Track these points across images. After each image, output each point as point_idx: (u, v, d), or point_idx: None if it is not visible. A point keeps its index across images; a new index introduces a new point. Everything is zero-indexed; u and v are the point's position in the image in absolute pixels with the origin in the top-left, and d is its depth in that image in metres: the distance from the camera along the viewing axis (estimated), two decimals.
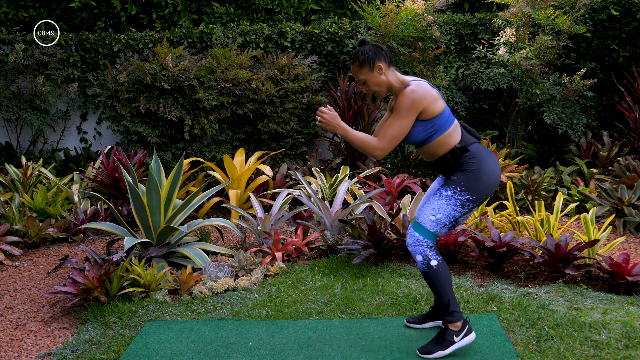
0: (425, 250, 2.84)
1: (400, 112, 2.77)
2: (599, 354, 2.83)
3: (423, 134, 2.83)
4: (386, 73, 2.87)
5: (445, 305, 2.87)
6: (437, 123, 2.81)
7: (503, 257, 3.95)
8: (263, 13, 7.30)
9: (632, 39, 6.21)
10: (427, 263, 2.84)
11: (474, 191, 2.80)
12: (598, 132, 6.36)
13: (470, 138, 2.89)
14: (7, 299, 3.92)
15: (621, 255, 3.67)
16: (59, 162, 6.83)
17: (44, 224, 4.89)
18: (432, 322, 3.23)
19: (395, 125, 2.78)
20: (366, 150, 2.83)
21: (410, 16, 5.90)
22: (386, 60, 2.86)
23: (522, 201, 5.32)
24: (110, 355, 3.05)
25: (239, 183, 5.39)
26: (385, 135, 2.80)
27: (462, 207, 2.83)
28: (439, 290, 2.86)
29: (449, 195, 2.82)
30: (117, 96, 6.18)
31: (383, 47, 2.88)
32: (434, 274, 2.84)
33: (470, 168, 2.81)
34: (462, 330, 2.88)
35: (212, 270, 4.01)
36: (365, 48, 2.86)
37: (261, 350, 3.05)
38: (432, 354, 2.87)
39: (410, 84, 2.81)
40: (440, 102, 2.82)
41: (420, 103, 2.76)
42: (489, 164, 2.83)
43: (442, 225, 2.84)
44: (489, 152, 2.89)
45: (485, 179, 2.81)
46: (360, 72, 2.87)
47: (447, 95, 6.09)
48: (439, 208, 2.83)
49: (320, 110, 2.87)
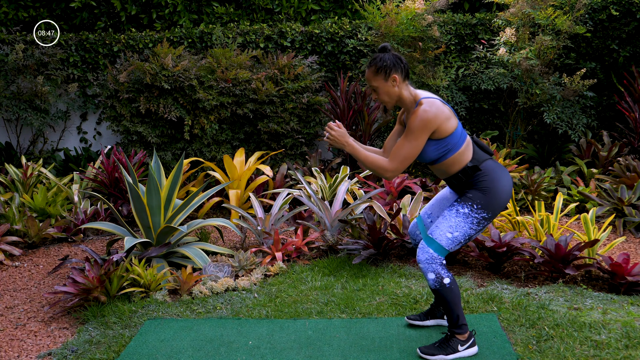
0: (438, 268, 2.80)
1: (413, 132, 2.71)
2: (599, 354, 2.83)
3: (436, 153, 2.78)
4: (400, 85, 2.79)
5: (454, 320, 2.86)
6: (450, 142, 2.76)
7: (503, 257, 3.95)
8: (263, 13, 7.30)
9: (632, 39, 6.21)
10: (440, 281, 2.80)
11: (489, 208, 2.78)
12: (598, 132, 6.36)
13: (482, 155, 2.84)
14: (7, 299, 3.92)
15: (621, 255, 3.67)
16: (59, 162, 6.83)
17: (44, 224, 4.89)
18: (433, 320, 3.23)
19: (407, 146, 2.73)
20: (377, 172, 2.78)
21: (411, 16, 5.90)
22: (402, 73, 2.77)
23: (522, 201, 5.32)
24: (110, 355, 3.05)
25: (239, 183, 5.39)
26: (397, 156, 2.74)
27: (478, 224, 2.80)
28: (450, 306, 2.84)
29: (467, 213, 2.78)
30: (117, 96, 6.18)
31: (403, 59, 2.80)
32: (446, 292, 2.81)
33: (485, 186, 2.78)
34: (467, 342, 2.89)
35: (212, 270, 4.01)
36: (386, 56, 2.77)
37: (261, 349, 3.05)
38: (433, 356, 2.86)
39: (423, 102, 2.73)
40: (453, 121, 2.76)
41: (433, 123, 2.70)
42: (502, 181, 2.79)
43: (458, 242, 2.82)
44: (501, 168, 2.85)
45: (500, 196, 2.78)
46: (374, 79, 2.79)
47: (447, 95, 6.09)
48: (456, 226, 2.79)
49: (329, 126, 2.81)
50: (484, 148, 2.89)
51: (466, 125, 6.67)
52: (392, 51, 2.82)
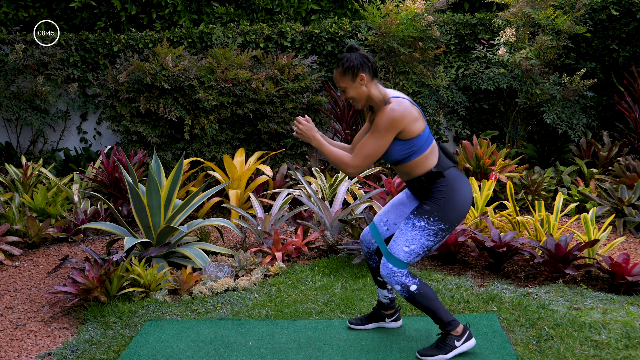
0: (401, 279, 2.80)
1: (378, 130, 2.68)
2: (599, 354, 2.83)
3: (400, 153, 2.76)
4: (368, 85, 2.76)
5: (440, 321, 2.86)
6: (416, 144, 2.74)
7: (503, 257, 3.95)
8: (263, 13, 7.30)
9: (632, 39, 6.21)
10: (407, 290, 2.80)
11: (446, 220, 2.76)
12: (598, 132, 6.36)
13: (447, 162, 2.82)
14: (7, 299, 3.92)
15: (621, 255, 3.67)
16: (59, 162, 6.83)
17: (44, 224, 4.89)
18: (374, 324, 3.22)
19: (372, 144, 2.70)
20: (339, 167, 2.77)
21: (411, 16, 5.90)
22: (370, 72, 2.75)
23: (522, 201, 5.32)
24: (110, 355, 3.05)
25: (239, 183, 5.39)
26: (361, 153, 2.72)
27: (435, 236, 2.79)
28: (429, 310, 2.83)
29: (422, 226, 2.77)
30: (117, 96, 6.18)
31: (370, 58, 2.78)
32: (417, 298, 2.81)
33: (442, 197, 2.75)
34: (462, 335, 2.87)
35: (212, 270, 4.01)
36: (352, 56, 2.75)
37: (261, 349, 3.05)
38: (433, 357, 2.85)
39: (391, 101, 2.71)
40: (421, 123, 2.74)
41: (400, 123, 2.67)
42: (461, 192, 2.77)
43: (416, 255, 2.81)
44: (463, 178, 2.83)
45: (458, 208, 2.77)
46: (342, 80, 2.76)
47: (447, 96, 6.09)
48: (412, 239, 2.78)
49: (297, 120, 2.80)
50: (449, 155, 2.87)
51: (466, 125, 6.67)
52: (359, 50, 2.80)
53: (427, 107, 6.03)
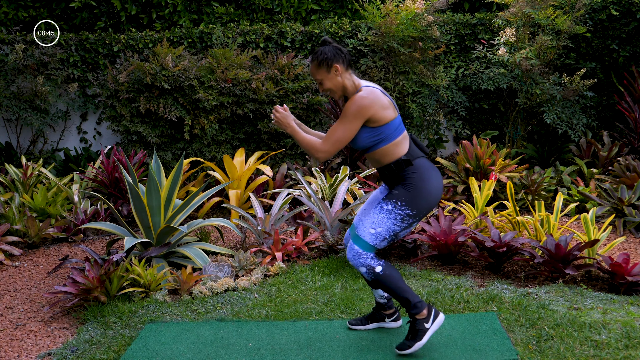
0: (366, 261, 2.86)
1: (347, 116, 2.77)
2: (599, 354, 2.83)
3: (369, 140, 2.83)
4: (343, 75, 2.86)
5: (406, 303, 2.87)
6: (384, 132, 2.81)
7: (503, 257, 3.95)
8: (263, 13, 7.30)
9: (632, 39, 6.21)
10: (372, 271, 2.85)
11: (414, 207, 2.81)
12: (598, 132, 6.36)
13: (417, 152, 2.89)
14: (7, 299, 3.92)
15: (621, 255, 3.67)
16: (59, 162, 6.83)
17: (44, 224, 4.89)
18: (374, 324, 3.24)
19: (341, 129, 2.79)
20: (309, 152, 2.85)
21: (411, 16, 5.90)
22: (344, 63, 2.85)
23: (522, 201, 5.32)
24: (110, 355, 3.05)
25: (239, 183, 5.39)
26: (330, 138, 2.80)
27: (402, 221, 2.83)
28: (394, 291, 2.87)
29: (390, 210, 2.82)
30: (117, 96, 6.18)
31: (343, 49, 2.88)
32: (382, 279, 2.85)
33: (411, 183, 2.82)
34: (429, 316, 2.89)
35: (212, 270, 4.01)
36: (326, 48, 2.86)
37: (261, 350, 3.05)
38: (410, 349, 2.88)
39: (362, 89, 2.81)
40: (390, 111, 2.82)
41: (368, 110, 2.76)
42: (431, 180, 2.83)
43: (382, 238, 2.85)
44: (433, 168, 2.89)
45: (427, 195, 2.81)
46: (318, 72, 2.87)
47: (447, 96, 6.09)
48: (379, 222, 2.83)
49: (275, 109, 2.89)
50: (420, 146, 2.94)
51: (466, 125, 6.67)
52: (332, 44, 2.89)
53: (427, 107, 6.03)
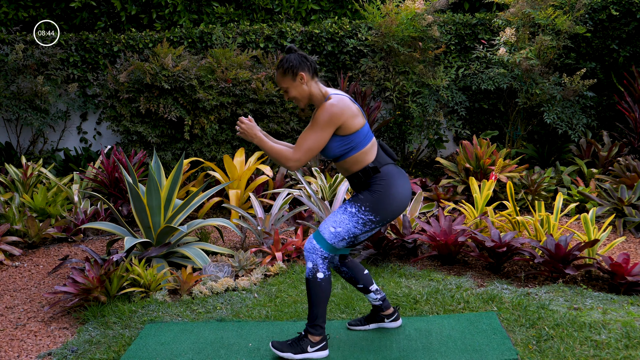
0: (317, 259, 2.84)
1: (318, 125, 2.74)
2: (599, 354, 2.83)
3: (339, 149, 2.81)
4: (308, 83, 2.82)
5: (313, 318, 2.88)
6: (354, 140, 2.79)
7: (503, 257, 3.95)
8: (263, 13, 7.30)
9: (632, 39, 6.21)
10: (314, 273, 2.84)
11: (377, 213, 2.80)
12: (598, 132, 6.36)
13: (385, 158, 2.87)
14: (7, 299, 3.92)
15: (621, 255, 3.67)
16: (59, 162, 6.83)
17: (44, 224, 4.89)
18: (374, 324, 3.23)
19: (312, 138, 2.75)
20: (280, 162, 2.80)
21: (411, 16, 5.90)
22: (310, 71, 2.81)
23: (522, 201, 5.32)
24: (110, 355, 3.05)
25: (239, 183, 5.39)
26: (301, 147, 2.76)
27: (364, 225, 2.82)
28: (314, 301, 2.86)
29: (353, 212, 2.81)
30: (117, 96, 6.18)
31: (309, 57, 2.84)
32: (315, 285, 2.84)
33: (377, 190, 2.80)
34: (318, 344, 2.90)
35: (212, 270, 4.01)
36: (291, 56, 2.81)
37: (261, 350, 3.05)
38: (281, 352, 2.89)
39: (332, 97, 2.78)
40: (360, 119, 2.80)
41: (339, 118, 2.73)
42: (397, 188, 2.81)
43: (341, 238, 2.83)
44: (401, 175, 2.87)
45: (391, 203, 2.80)
46: (283, 80, 2.82)
47: (447, 96, 6.09)
48: (340, 222, 2.82)
49: (240, 120, 2.84)
50: (388, 153, 2.92)
51: (466, 125, 6.67)
52: (298, 51, 2.85)
53: (427, 107, 6.04)
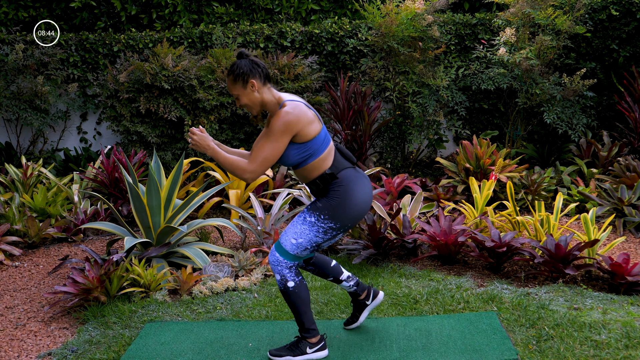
0: (283, 270, 2.82)
1: (274, 134, 2.66)
2: (599, 354, 2.83)
3: (297, 157, 2.75)
4: (260, 90, 2.75)
5: (301, 324, 2.88)
6: (312, 147, 2.73)
7: (503, 257, 3.95)
8: (263, 13, 7.30)
9: (632, 39, 6.21)
10: (284, 283, 2.82)
11: (337, 220, 2.77)
12: (598, 132, 6.36)
13: (343, 163, 2.82)
14: (7, 299, 3.92)
15: (621, 255, 3.67)
16: (59, 162, 6.83)
17: (44, 224, 4.89)
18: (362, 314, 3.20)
19: (268, 148, 2.68)
20: (235, 173, 2.74)
21: (411, 16, 5.90)
22: (261, 77, 2.74)
23: (522, 201, 5.32)
24: (110, 355, 3.05)
25: (238, 183, 5.39)
26: (257, 158, 2.69)
27: (325, 234, 2.80)
28: (295, 310, 2.86)
29: (312, 222, 2.78)
30: (117, 96, 6.18)
31: (260, 63, 2.76)
32: (291, 294, 2.83)
33: (335, 197, 2.76)
34: (317, 345, 2.90)
35: (212, 270, 4.01)
36: (242, 62, 2.74)
37: (261, 351, 3.05)
38: (281, 357, 2.89)
39: (286, 104, 2.70)
40: (316, 125, 2.74)
41: (295, 126, 2.67)
42: (355, 194, 2.77)
43: (304, 248, 2.81)
44: (359, 180, 2.82)
45: (351, 208, 2.76)
46: (234, 87, 2.76)
47: (447, 96, 6.09)
48: (301, 232, 2.79)
49: (191, 131, 2.77)
50: (346, 156, 2.86)
51: (466, 125, 6.67)
52: (249, 57, 2.78)
53: (427, 107, 6.03)
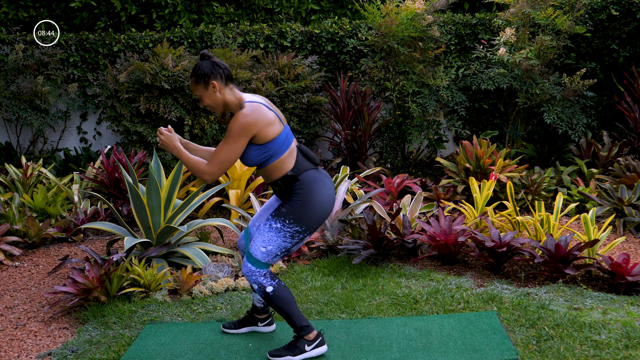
0: (259, 279, 2.83)
1: (232, 136, 2.69)
2: (599, 354, 2.83)
3: (258, 158, 2.77)
4: (222, 91, 2.77)
5: (293, 325, 2.88)
6: (272, 148, 2.75)
7: (503, 257, 3.95)
8: (263, 13, 7.30)
9: (632, 39, 6.21)
10: (263, 290, 2.84)
11: (302, 223, 2.78)
12: (598, 132, 6.36)
13: (305, 164, 2.83)
14: (7, 299, 3.92)
15: (621, 255, 3.67)
16: (59, 162, 6.83)
17: (44, 224, 4.89)
18: (247, 328, 3.24)
19: (225, 150, 2.71)
20: (196, 174, 2.78)
21: (411, 16, 5.90)
22: (222, 78, 2.76)
23: (522, 201, 5.32)
24: (110, 355, 3.05)
25: (239, 183, 5.39)
26: (215, 160, 2.72)
27: (292, 238, 2.81)
28: (281, 312, 2.87)
29: (278, 228, 2.79)
30: (117, 96, 6.19)
31: (222, 64, 2.77)
32: (272, 299, 2.84)
33: (298, 199, 2.77)
34: (314, 341, 2.90)
35: (212, 270, 4.01)
36: (203, 64, 2.76)
37: (261, 351, 3.05)
38: (280, 357, 2.89)
39: (245, 105, 2.72)
40: (276, 126, 2.75)
41: (252, 127, 2.68)
42: (317, 196, 2.78)
43: (274, 255, 2.83)
44: (322, 180, 2.83)
45: (315, 209, 2.78)
46: (196, 89, 2.78)
47: (447, 96, 6.09)
48: (269, 240, 2.81)
49: (159, 131, 2.82)
50: (309, 157, 2.87)
51: (466, 125, 6.66)
52: (212, 58, 2.79)
53: (427, 107, 6.03)
